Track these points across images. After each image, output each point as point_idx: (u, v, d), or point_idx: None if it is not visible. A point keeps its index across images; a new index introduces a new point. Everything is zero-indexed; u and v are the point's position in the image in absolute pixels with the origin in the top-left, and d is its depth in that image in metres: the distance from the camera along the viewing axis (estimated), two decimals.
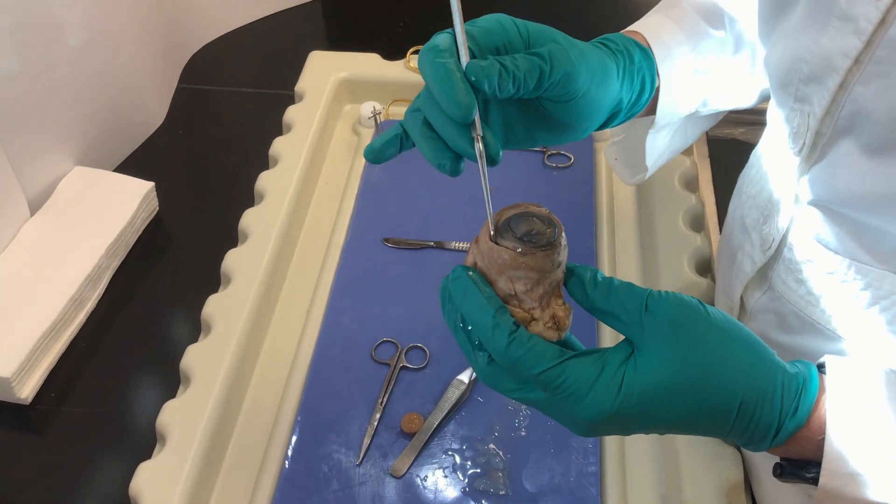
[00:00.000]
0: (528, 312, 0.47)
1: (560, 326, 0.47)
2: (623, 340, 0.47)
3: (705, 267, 0.82)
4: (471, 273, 0.47)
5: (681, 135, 0.72)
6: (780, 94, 0.55)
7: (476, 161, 0.47)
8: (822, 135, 0.51)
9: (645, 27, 0.63)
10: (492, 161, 0.47)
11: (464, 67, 0.45)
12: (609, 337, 0.80)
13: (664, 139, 0.70)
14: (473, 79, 0.45)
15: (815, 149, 0.52)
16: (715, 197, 0.95)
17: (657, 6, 0.68)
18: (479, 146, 0.46)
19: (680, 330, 0.44)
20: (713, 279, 0.81)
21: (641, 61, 0.59)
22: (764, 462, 0.64)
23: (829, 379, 0.45)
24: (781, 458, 0.48)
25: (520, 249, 0.46)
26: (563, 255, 0.48)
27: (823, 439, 0.44)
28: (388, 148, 0.51)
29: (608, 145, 0.74)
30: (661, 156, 0.71)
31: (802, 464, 0.46)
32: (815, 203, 0.54)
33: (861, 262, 0.51)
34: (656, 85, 0.61)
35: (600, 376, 0.44)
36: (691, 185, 0.90)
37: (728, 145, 1.22)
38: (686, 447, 0.67)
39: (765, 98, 0.68)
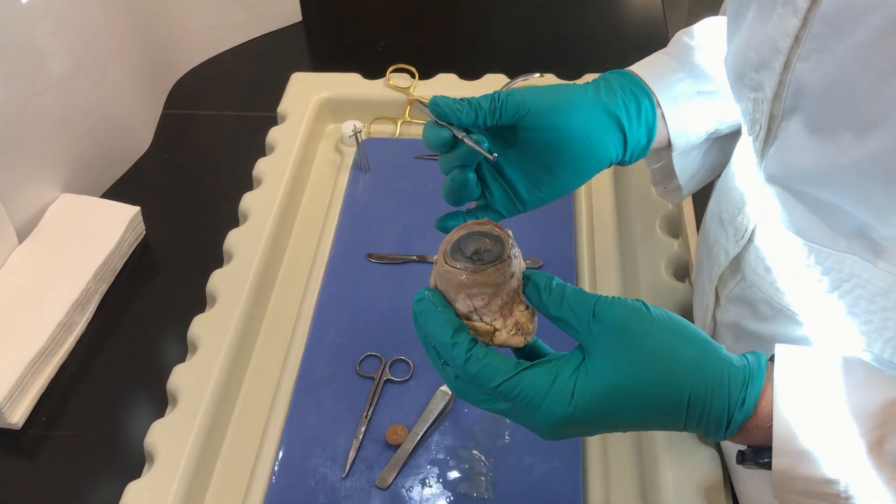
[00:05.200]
0: (490, 325, 0.50)
1: (525, 331, 0.49)
2: (576, 347, 0.49)
3: (683, 272, 0.84)
4: (430, 295, 0.50)
5: (716, 151, 0.72)
6: (738, 87, 0.57)
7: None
8: (775, 117, 0.53)
9: (636, 65, 0.66)
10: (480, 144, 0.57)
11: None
12: None
13: (695, 160, 0.72)
14: (438, 110, 0.56)
15: (770, 132, 0.54)
16: (693, 202, 0.97)
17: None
18: (467, 140, 0.57)
19: (625, 335, 0.47)
20: (691, 284, 0.82)
21: (628, 86, 0.63)
22: None
23: (778, 365, 0.47)
24: (746, 446, 0.49)
25: (471, 268, 0.49)
26: (516, 265, 0.50)
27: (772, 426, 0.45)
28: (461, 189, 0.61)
29: (652, 178, 0.77)
30: (695, 174, 0.73)
31: (759, 450, 0.48)
32: (773, 182, 0.55)
33: (822, 245, 0.52)
34: (657, 112, 0.64)
35: (553, 385, 0.47)
36: None
37: None
38: (666, 449, 0.68)
39: None
